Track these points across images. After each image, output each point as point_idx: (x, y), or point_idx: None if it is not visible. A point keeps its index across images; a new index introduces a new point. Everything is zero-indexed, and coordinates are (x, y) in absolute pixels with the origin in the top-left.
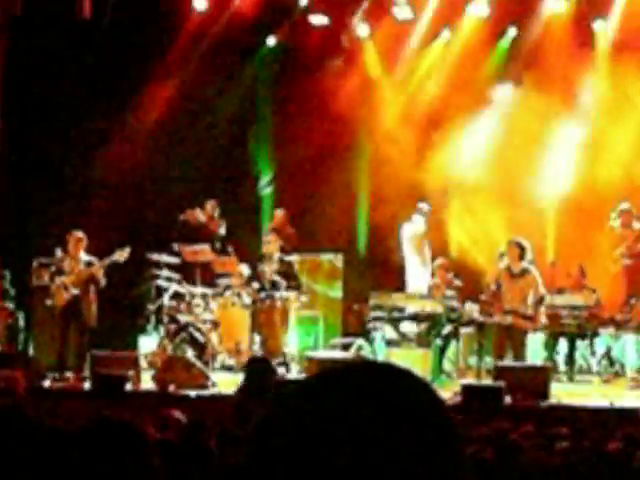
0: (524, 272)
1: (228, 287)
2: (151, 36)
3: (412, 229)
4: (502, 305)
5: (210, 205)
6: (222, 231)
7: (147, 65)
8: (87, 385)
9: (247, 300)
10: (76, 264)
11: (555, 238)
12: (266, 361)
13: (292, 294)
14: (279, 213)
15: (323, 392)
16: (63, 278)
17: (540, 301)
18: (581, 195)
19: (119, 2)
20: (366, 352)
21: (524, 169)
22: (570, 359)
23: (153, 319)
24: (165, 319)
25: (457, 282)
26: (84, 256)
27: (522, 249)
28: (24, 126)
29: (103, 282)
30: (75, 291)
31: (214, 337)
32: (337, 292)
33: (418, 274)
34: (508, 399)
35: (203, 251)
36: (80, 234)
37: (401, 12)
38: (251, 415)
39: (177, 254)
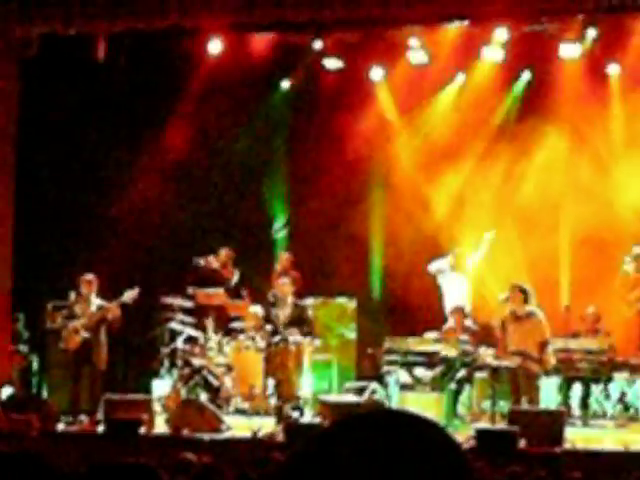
0: (529, 315)
1: (242, 331)
2: (165, 79)
3: (439, 266)
4: (506, 348)
5: (224, 253)
6: (235, 279)
7: (161, 109)
8: (101, 429)
9: (261, 344)
10: (87, 307)
11: (570, 282)
12: None
13: (306, 338)
14: (284, 256)
15: (344, 439)
16: (75, 322)
17: (545, 344)
18: (596, 238)
19: (134, 44)
20: (380, 396)
21: (538, 213)
22: (584, 403)
23: (167, 362)
24: (179, 363)
25: (473, 327)
26: (95, 299)
27: (525, 293)
28: (38, 168)
29: (119, 320)
30: (86, 335)
31: (228, 381)
32: (351, 336)
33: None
34: (522, 443)
35: (217, 294)
36: (91, 277)
37: (416, 56)
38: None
39: (191, 298)
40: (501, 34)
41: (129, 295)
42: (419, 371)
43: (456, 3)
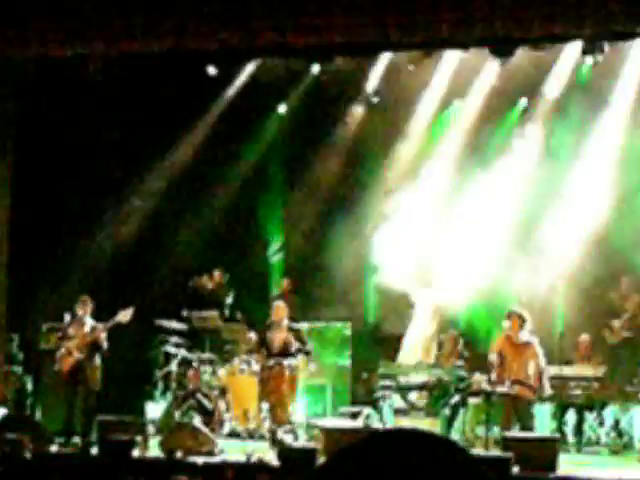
0: (527, 344)
1: (236, 354)
2: (161, 102)
3: (430, 297)
4: (504, 375)
5: (218, 273)
6: (229, 299)
7: (156, 131)
8: (94, 450)
9: (255, 367)
10: (81, 328)
11: (563, 309)
12: None
13: (300, 362)
14: (285, 281)
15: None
16: (68, 343)
17: (542, 373)
18: (590, 265)
19: (130, 67)
20: (374, 421)
21: (531, 240)
22: (578, 430)
23: (161, 385)
24: (173, 385)
25: (465, 353)
26: (90, 320)
27: (522, 320)
28: (34, 190)
29: (105, 345)
30: (79, 355)
31: (222, 404)
32: (345, 361)
33: (415, 343)
34: (516, 470)
35: (212, 317)
36: (86, 298)
37: (412, 81)
38: None
39: (186, 320)
40: (497, 60)
41: (123, 314)
42: (413, 396)
43: (453, 30)
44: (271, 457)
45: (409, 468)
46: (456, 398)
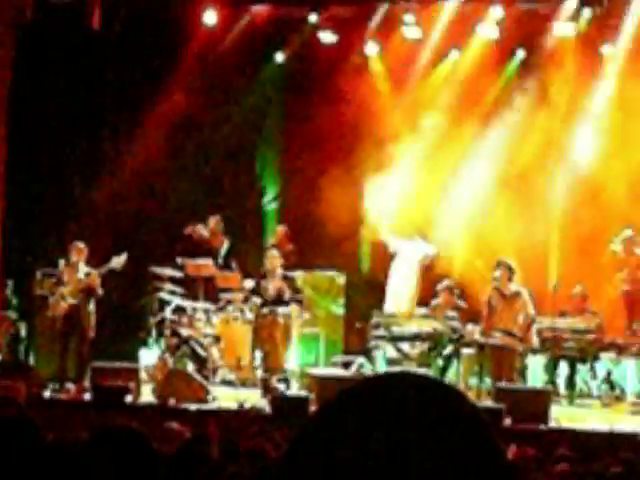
0: (516, 294)
1: (230, 302)
2: (159, 50)
3: (419, 249)
4: (492, 325)
5: (213, 221)
6: (225, 247)
7: (154, 79)
8: (87, 396)
9: (249, 315)
10: (75, 274)
11: (558, 261)
12: None
13: (294, 311)
14: (280, 229)
15: (361, 405)
16: (62, 289)
17: (531, 323)
18: (585, 217)
19: (129, 14)
20: (367, 371)
21: (527, 192)
22: (571, 382)
23: (155, 332)
24: (167, 332)
25: (461, 304)
26: (84, 267)
27: (511, 270)
28: (29, 137)
29: (100, 291)
30: (73, 301)
31: (215, 352)
32: (339, 310)
33: (400, 293)
34: (508, 421)
35: (206, 265)
36: (81, 244)
37: (410, 32)
38: None
39: (180, 268)
40: (496, 12)
41: (117, 261)
42: (406, 346)
43: None
44: (263, 405)
45: (402, 412)
46: (449, 349)
